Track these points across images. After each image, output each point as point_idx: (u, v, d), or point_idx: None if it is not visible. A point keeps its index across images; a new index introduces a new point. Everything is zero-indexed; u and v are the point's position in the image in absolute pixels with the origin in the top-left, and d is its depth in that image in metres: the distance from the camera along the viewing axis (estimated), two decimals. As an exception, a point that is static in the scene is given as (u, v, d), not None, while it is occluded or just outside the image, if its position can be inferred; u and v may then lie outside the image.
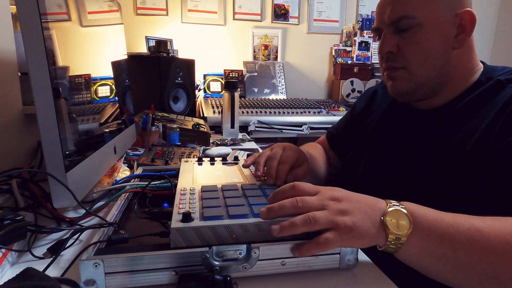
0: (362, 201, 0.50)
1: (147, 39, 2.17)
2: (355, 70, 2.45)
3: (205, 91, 2.27)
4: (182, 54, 2.17)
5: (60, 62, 0.60)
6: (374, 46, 2.56)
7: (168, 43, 2.16)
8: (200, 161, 0.80)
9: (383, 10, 0.70)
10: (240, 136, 1.57)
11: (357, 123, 0.93)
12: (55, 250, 0.50)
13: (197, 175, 0.69)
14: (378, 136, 0.82)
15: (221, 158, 0.82)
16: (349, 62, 2.52)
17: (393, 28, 0.69)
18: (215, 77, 2.30)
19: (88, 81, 0.74)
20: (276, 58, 2.53)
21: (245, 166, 0.72)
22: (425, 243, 0.47)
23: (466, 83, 0.70)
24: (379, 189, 0.71)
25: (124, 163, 0.97)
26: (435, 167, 0.66)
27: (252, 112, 1.97)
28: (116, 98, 0.93)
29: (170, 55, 1.77)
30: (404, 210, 0.48)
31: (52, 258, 0.48)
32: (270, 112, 1.98)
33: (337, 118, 1.98)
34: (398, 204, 0.49)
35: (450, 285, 0.49)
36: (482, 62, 0.73)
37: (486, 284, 0.45)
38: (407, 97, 0.73)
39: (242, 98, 2.26)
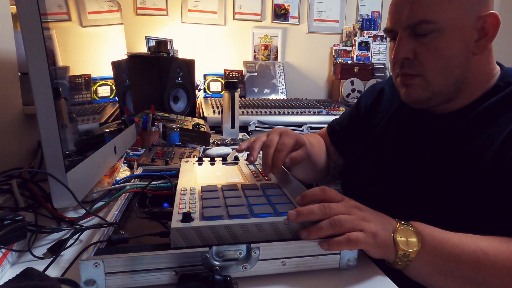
0: (380, 215, 0.53)
1: (147, 39, 2.17)
2: (355, 70, 2.45)
3: (205, 91, 2.27)
4: (182, 54, 2.17)
5: (60, 62, 0.60)
6: (374, 46, 2.56)
7: (168, 43, 2.16)
8: (200, 161, 0.80)
9: (399, 10, 0.63)
10: (240, 136, 1.56)
11: (362, 121, 0.88)
12: (55, 250, 0.50)
13: (197, 175, 0.69)
14: (386, 138, 0.78)
15: (221, 158, 0.82)
16: (349, 62, 2.52)
17: (410, 32, 0.63)
18: (215, 77, 2.30)
19: (88, 81, 0.74)
20: (276, 58, 2.53)
21: (239, 150, 0.70)
22: (433, 260, 0.49)
23: (483, 88, 0.65)
24: (385, 192, 0.70)
25: (124, 163, 0.97)
26: (447, 174, 0.62)
27: (252, 112, 1.97)
28: (116, 98, 0.93)
29: (170, 55, 1.77)
30: (412, 229, 0.50)
31: (52, 258, 0.48)
32: (270, 112, 1.98)
33: (337, 118, 1.98)
34: (407, 223, 0.52)
35: None
36: (498, 63, 0.69)
37: None
38: (421, 105, 0.68)
39: (242, 98, 2.26)
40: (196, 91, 2.12)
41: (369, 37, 2.56)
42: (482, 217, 0.57)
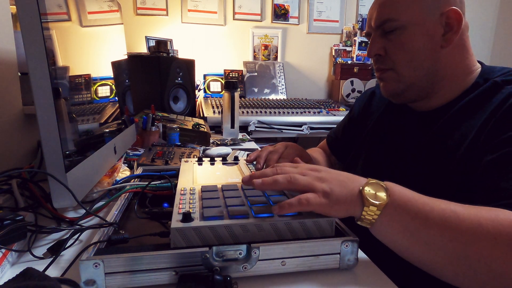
0: (341, 174, 0.53)
1: (147, 39, 2.17)
2: (355, 70, 2.45)
3: (205, 91, 2.27)
4: (182, 54, 2.17)
5: (60, 62, 0.60)
6: (374, 46, 2.56)
7: (168, 43, 2.16)
8: (200, 161, 0.80)
9: (371, 15, 0.72)
10: (240, 136, 1.57)
11: (355, 125, 0.93)
12: (55, 250, 0.50)
13: (197, 175, 0.69)
14: (375, 137, 0.82)
15: (221, 158, 0.82)
16: (349, 62, 2.52)
17: (380, 32, 0.71)
18: (215, 77, 2.30)
19: (88, 81, 0.74)
20: (276, 58, 2.53)
21: (248, 161, 0.75)
22: (400, 216, 0.48)
23: (463, 84, 0.69)
24: None
25: (124, 163, 0.97)
26: (430, 169, 0.66)
27: (252, 112, 1.97)
28: (116, 98, 0.93)
29: (170, 55, 1.77)
30: (383, 185, 0.50)
31: (52, 258, 0.48)
32: (270, 112, 1.98)
33: (337, 118, 1.98)
34: (379, 181, 0.51)
35: (421, 265, 0.49)
36: (480, 62, 0.73)
37: (456, 264, 0.46)
38: (398, 97, 0.74)
39: (242, 98, 2.26)
40: (196, 91, 2.12)
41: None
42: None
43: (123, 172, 0.90)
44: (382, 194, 0.49)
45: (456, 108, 0.68)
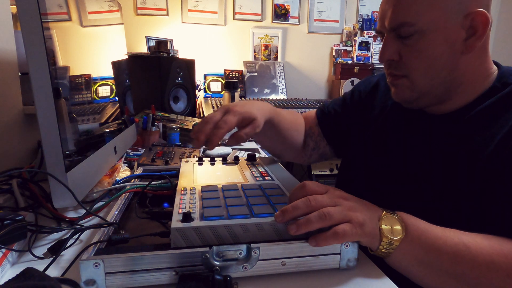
0: (365, 203, 0.53)
1: (148, 39, 2.17)
2: (356, 70, 2.45)
3: (205, 91, 2.27)
4: (182, 54, 2.17)
5: (61, 62, 0.60)
6: (375, 46, 2.56)
7: (169, 43, 2.16)
8: (200, 161, 0.80)
9: (384, 13, 0.64)
10: (240, 136, 1.56)
11: (355, 110, 0.85)
12: (55, 250, 0.50)
13: (197, 175, 0.69)
14: (382, 137, 0.77)
15: (221, 158, 0.82)
16: (349, 62, 2.52)
17: (394, 34, 0.63)
18: (215, 77, 2.30)
19: (88, 81, 0.74)
20: (276, 58, 2.53)
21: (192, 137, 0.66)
22: (414, 250, 0.50)
23: (480, 88, 0.64)
24: (381, 192, 0.70)
25: (124, 163, 0.97)
26: (442, 174, 0.62)
27: (252, 112, 1.97)
28: (117, 98, 0.93)
29: (170, 55, 1.77)
30: (397, 218, 0.51)
31: (52, 258, 0.48)
32: (270, 112, 1.98)
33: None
34: (392, 212, 0.52)
35: None
36: (495, 63, 0.67)
37: None
38: (410, 104, 0.68)
39: (242, 98, 2.26)
40: (196, 91, 2.12)
41: (369, 37, 2.56)
42: (475, 213, 0.58)
43: (123, 172, 0.90)
44: (398, 228, 0.50)
45: (472, 113, 0.63)
